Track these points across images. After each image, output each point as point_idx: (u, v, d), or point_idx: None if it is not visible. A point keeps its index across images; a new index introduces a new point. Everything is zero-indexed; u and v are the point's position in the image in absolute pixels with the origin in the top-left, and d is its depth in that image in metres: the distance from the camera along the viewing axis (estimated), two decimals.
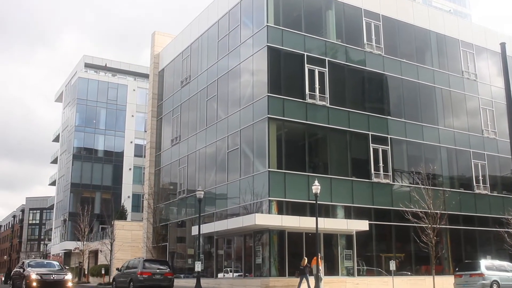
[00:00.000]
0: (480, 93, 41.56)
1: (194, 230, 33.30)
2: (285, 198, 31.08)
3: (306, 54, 33.62)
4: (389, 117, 36.43)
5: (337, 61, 35.09)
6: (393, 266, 30.50)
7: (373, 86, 37.12)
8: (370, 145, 34.85)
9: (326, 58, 34.47)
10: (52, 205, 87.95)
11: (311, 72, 33.55)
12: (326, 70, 34.09)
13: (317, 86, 33.40)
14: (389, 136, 35.82)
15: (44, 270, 26.82)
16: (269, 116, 31.55)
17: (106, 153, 74.93)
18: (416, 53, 39.46)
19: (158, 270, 27.92)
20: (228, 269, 34.53)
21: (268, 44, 32.62)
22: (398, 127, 36.53)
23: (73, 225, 61.35)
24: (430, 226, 31.50)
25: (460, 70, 41.05)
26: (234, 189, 34.18)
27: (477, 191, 38.94)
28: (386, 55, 37.23)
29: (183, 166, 41.43)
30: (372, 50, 36.66)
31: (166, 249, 42.38)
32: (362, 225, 31.99)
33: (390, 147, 35.60)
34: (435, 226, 31.60)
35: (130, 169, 72.69)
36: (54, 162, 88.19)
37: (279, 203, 30.90)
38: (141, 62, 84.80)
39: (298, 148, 33.24)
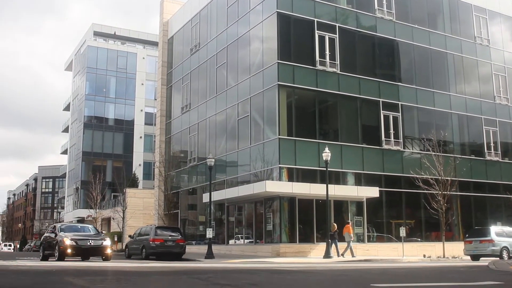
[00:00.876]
0: (492, 58, 41.06)
1: (205, 198, 33.51)
2: (295, 165, 31.13)
3: (316, 20, 33.26)
4: (400, 83, 36.16)
5: (347, 27, 34.71)
6: (403, 232, 30.62)
7: (384, 52, 36.77)
8: (381, 111, 34.68)
9: (337, 24, 34.09)
10: (64, 173, 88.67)
11: (321, 38, 33.24)
12: (337, 36, 33.75)
13: (327, 52, 33.14)
14: (400, 102, 35.60)
15: (79, 235, 23.72)
16: (279, 83, 31.42)
17: (117, 121, 75.10)
18: (428, 18, 38.93)
19: (170, 237, 28.00)
20: (239, 235, 34.84)
21: (277, 10, 32.29)
22: (409, 94, 36.28)
23: (85, 193, 61.88)
24: (440, 192, 31.52)
25: (472, 35, 40.50)
26: (244, 156, 34.27)
27: (488, 158, 38.79)
28: (397, 21, 36.76)
29: (194, 134, 41.51)
30: (383, 16, 36.19)
31: (178, 216, 42.78)
32: (372, 191, 32.07)
33: (401, 114, 35.42)
34: (446, 192, 31.62)
35: (140, 137, 72.90)
36: (65, 131, 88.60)
37: (290, 170, 30.98)
38: (150, 30, 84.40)
39: (308, 115, 33.16)
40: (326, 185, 27.75)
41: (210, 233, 28.96)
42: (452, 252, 32.11)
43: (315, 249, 30.09)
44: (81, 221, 65.29)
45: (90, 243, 23.13)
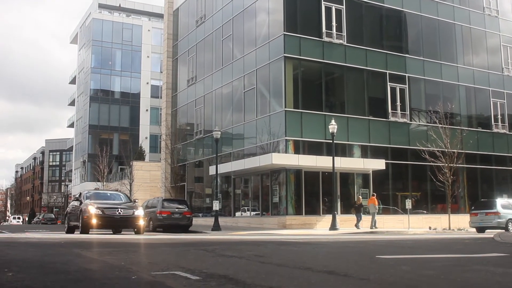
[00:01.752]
0: (501, 30, 40.56)
1: (212, 170, 33.62)
2: (301, 137, 31.11)
3: None
4: (407, 55, 35.87)
5: None
6: (409, 204, 30.70)
7: (391, 23, 36.41)
8: (388, 83, 34.48)
9: None
10: (71, 147, 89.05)
11: (328, 9, 32.90)
12: (343, 7, 33.38)
13: (334, 24, 32.83)
14: (407, 74, 35.36)
15: (107, 203, 20.74)
16: (285, 55, 31.22)
17: (123, 94, 75.04)
18: None
19: (177, 209, 28.06)
20: (245, 208, 35.02)
21: None
22: (416, 65, 36.00)
23: (92, 166, 62.20)
24: (446, 165, 31.48)
25: (481, 6, 39.97)
26: (250, 129, 34.25)
27: (495, 130, 38.62)
28: None
29: (200, 107, 41.46)
30: None
31: (184, 188, 42.98)
32: (379, 164, 32.07)
33: (407, 86, 35.21)
34: (452, 165, 31.58)
35: (147, 110, 72.95)
36: (72, 104, 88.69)
37: (296, 143, 30.97)
38: (155, 2, 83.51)
39: (315, 87, 33.02)
40: (333, 157, 27.74)
41: (216, 205, 29.10)
42: (457, 224, 32.20)
43: (321, 221, 30.25)
44: None
45: (120, 212, 20.01)
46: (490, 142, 38.43)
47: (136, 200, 22.95)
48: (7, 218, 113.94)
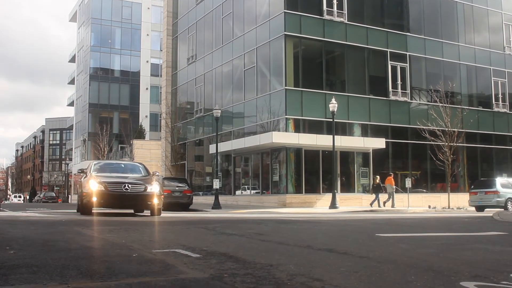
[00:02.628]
0: (503, 8, 40.27)
1: (212, 149, 33.65)
2: (302, 116, 31.09)
3: None
4: (408, 33, 35.67)
5: None
6: (409, 183, 30.77)
7: (392, 1, 36.16)
8: (388, 62, 34.35)
9: None
10: (71, 125, 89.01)
11: None
12: None
13: (334, 1, 32.60)
14: (407, 53, 35.21)
15: (113, 177, 16.77)
16: (285, 33, 31.06)
17: (123, 73, 74.77)
18: None
19: (177, 188, 28.02)
20: (245, 186, 35.12)
21: None
22: (417, 44, 35.82)
23: (92, 144, 62.27)
24: (447, 144, 31.50)
25: None
26: (251, 107, 34.20)
27: (495, 109, 38.56)
28: None
29: (200, 85, 41.35)
30: None
31: (185, 167, 43.06)
32: (379, 143, 32.09)
33: (408, 64, 35.08)
34: (452, 144, 31.59)
35: (147, 88, 72.77)
36: (71, 83, 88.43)
37: (296, 121, 30.96)
38: None
39: (315, 65, 32.90)
40: (333, 136, 27.75)
41: (217, 184, 29.15)
42: (457, 203, 32.33)
43: (321, 199, 30.37)
44: None
45: (127, 188, 15.86)
46: (491, 121, 38.40)
47: (157, 173, 18.78)
48: (8, 196, 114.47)
